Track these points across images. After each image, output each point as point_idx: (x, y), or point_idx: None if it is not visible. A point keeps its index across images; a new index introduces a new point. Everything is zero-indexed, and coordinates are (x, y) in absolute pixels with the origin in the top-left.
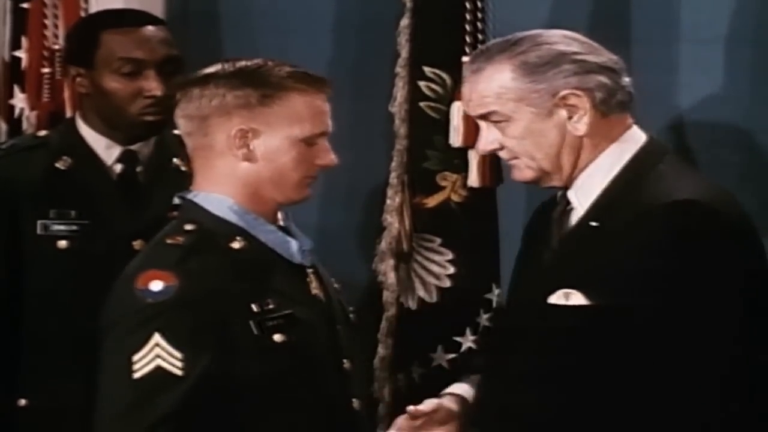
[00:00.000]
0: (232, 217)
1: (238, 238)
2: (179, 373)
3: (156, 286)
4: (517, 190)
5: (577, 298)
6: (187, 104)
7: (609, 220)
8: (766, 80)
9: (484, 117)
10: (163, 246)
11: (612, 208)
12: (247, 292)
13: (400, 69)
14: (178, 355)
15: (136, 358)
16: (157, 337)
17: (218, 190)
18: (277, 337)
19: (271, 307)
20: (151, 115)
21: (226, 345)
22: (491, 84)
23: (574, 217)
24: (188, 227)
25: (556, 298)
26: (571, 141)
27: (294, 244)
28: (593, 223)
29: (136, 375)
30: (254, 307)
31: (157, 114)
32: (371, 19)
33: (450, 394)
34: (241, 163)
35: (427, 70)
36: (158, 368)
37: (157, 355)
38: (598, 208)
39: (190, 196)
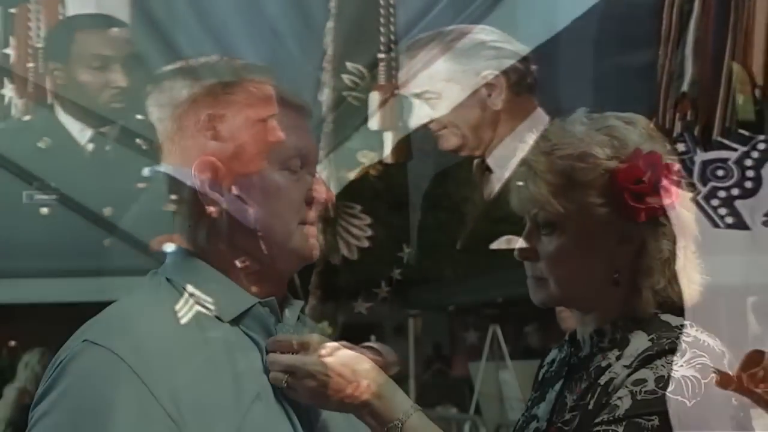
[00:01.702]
0: (204, 189)
1: (211, 206)
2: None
3: (169, 248)
4: (425, 166)
5: (517, 242)
6: (159, 95)
7: None
8: None
9: (418, 95)
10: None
11: None
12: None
13: (327, 64)
14: (211, 299)
15: (177, 308)
16: (190, 288)
17: (189, 165)
18: None
19: None
20: (117, 102)
21: None
22: (426, 67)
23: (496, 180)
24: (173, 197)
25: (497, 244)
26: (490, 115)
27: None
28: (520, 183)
29: (183, 321)
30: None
31: (122, 102)
32: (303, 22)
33: None
34: (210, 142)
35: (349, 65)
36: (199, 313)
37: (195, 302)
38: None
39: (163, 169)
